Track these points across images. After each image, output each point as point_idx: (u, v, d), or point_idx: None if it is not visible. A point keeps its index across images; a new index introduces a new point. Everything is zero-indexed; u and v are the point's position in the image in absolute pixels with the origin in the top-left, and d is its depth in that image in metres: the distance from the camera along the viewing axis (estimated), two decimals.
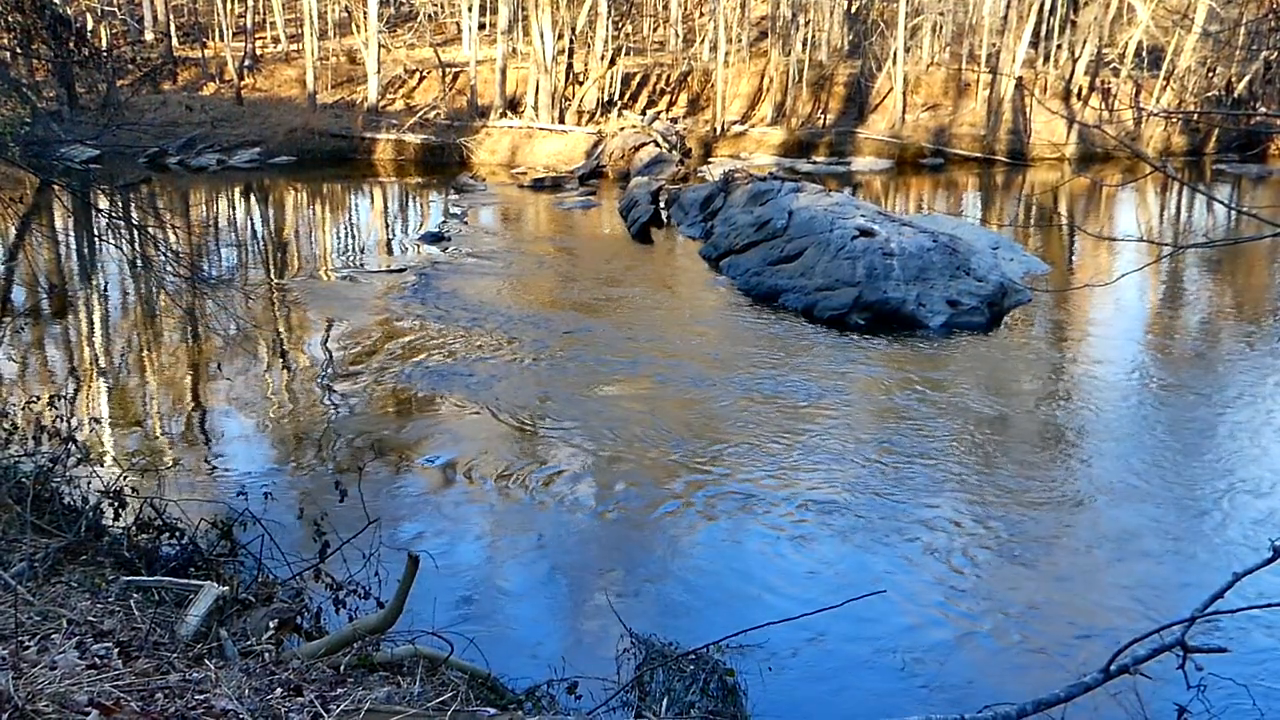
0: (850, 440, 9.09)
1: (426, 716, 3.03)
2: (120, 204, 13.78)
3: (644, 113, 31.46)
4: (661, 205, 21.12)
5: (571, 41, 30.09)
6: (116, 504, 5.13)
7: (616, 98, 31.51)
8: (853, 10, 35.80)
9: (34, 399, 7.23)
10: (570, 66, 30.31)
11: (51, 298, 14.57)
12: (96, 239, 16.67)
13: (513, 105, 30.53)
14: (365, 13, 30.67)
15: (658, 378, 10.81)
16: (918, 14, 32.02)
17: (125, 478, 5.38)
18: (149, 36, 35.22)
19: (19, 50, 13.61)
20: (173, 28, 35.05)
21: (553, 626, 6.30)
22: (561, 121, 29.06)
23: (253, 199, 25.03)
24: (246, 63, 32.87)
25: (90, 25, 29.35)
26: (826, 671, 5.74)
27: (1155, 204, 24.46)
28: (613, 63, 31.36)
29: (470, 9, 33.76)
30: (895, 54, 30.08)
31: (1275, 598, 4.62)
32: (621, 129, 28.25)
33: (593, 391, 10.37)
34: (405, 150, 28.65)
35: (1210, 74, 30.85)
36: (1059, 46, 31.85)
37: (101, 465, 7.63)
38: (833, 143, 30.18)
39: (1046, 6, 31.16)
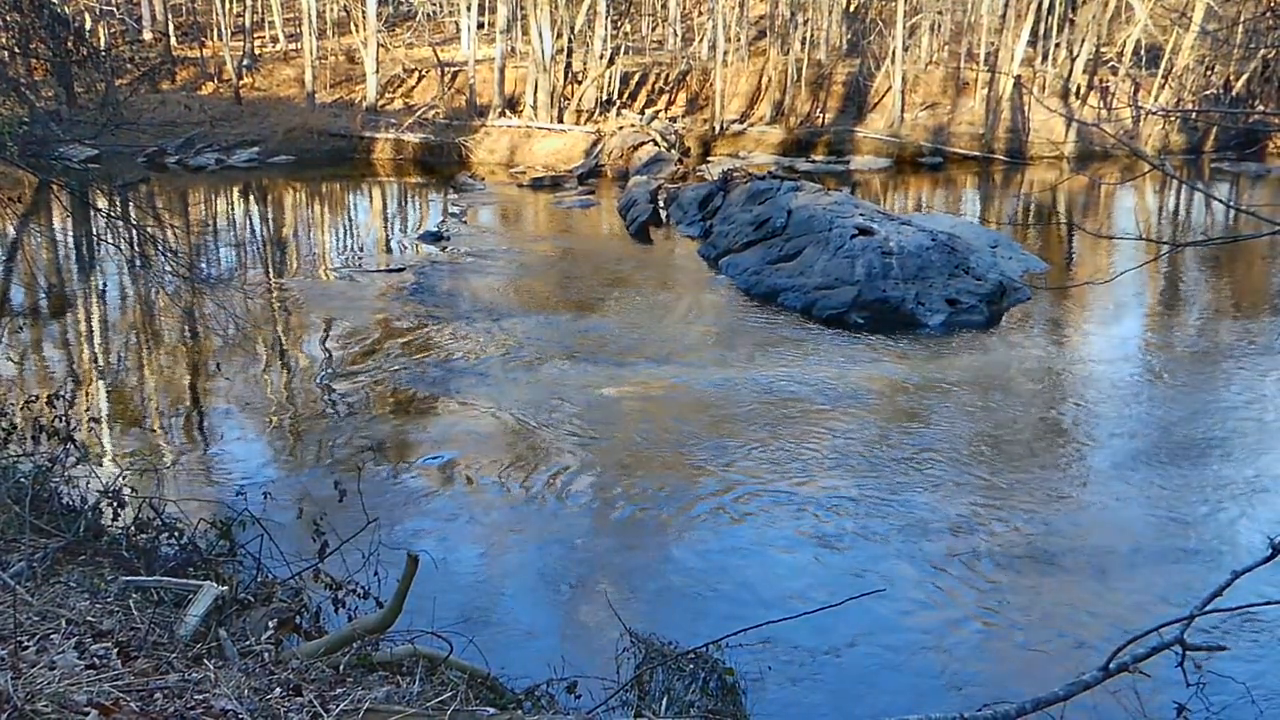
0: (850, 439, 9.09)
1: (426, 716, 3.03)
2: (119, 203, 13.76)
3: (643, 112, 31.43)
4: (660, 204, 21.11)
5: (570, 40, 30.06)
6: (115, 504, 5.12)
7: (615, 97, 31.48)
8: (851, 9, 35.77)
9: (33, 399, 7.21)
10: (569, 66, 30.28)
11: (50, 297, 14.56)
12: (95, 238, 16.65)
13: (511, 104, 30.51)
14: (364, 12, 30.66)
15: (656, 377, 10.81)
16: (916, 13, 32.00)
17: (124, 478, 5.38)
18: (147, 36, 35.15)
19: (17, 49, 13.61)
20: (171, 27, 34.99)
21: (552, 626, 6.30)
22: (560, 121, 29.04)
23: (251, 198, 25.01)
24: (245, 62, 32.83)
25: (88, 24, 29.31)
26: (826, 670, 5.74)
27: (1154, 202, 24.46)
28: (611, 62, 31.33)
29: (469, 8, 33.73)
30: (894, 53, 30.06)
31: (1274, 596, 4.62)
32: (620, 128, 28.21)
33: (592, 391, 10.36)
34: (404, 149, 28.62)
35: (1208, 72, 30.86)
36: (1057, 45, 31.84)
37: (100, 465, 7.61)
38: (831, 141, 30.15)
39: (1045, 5, 31.14)
